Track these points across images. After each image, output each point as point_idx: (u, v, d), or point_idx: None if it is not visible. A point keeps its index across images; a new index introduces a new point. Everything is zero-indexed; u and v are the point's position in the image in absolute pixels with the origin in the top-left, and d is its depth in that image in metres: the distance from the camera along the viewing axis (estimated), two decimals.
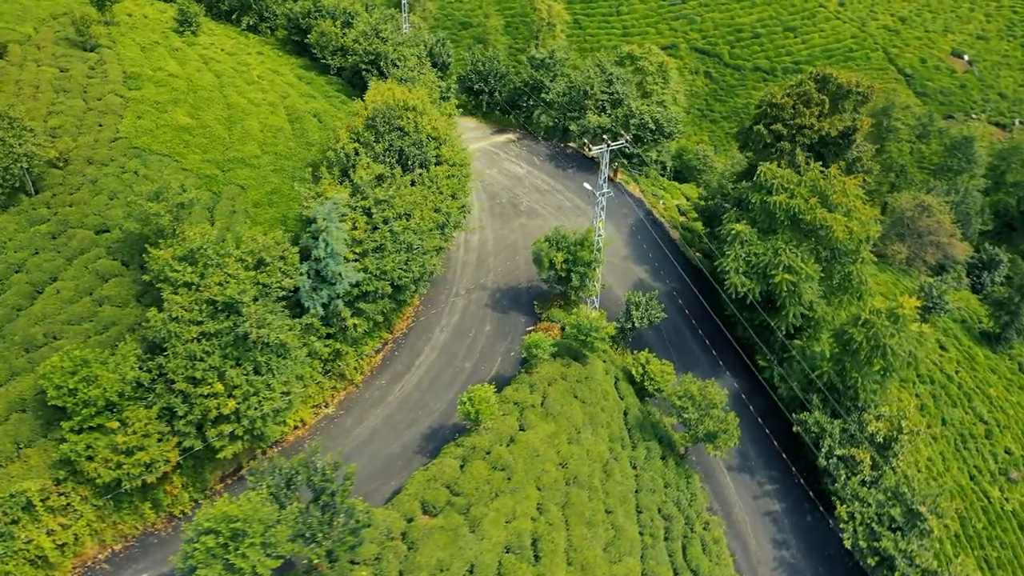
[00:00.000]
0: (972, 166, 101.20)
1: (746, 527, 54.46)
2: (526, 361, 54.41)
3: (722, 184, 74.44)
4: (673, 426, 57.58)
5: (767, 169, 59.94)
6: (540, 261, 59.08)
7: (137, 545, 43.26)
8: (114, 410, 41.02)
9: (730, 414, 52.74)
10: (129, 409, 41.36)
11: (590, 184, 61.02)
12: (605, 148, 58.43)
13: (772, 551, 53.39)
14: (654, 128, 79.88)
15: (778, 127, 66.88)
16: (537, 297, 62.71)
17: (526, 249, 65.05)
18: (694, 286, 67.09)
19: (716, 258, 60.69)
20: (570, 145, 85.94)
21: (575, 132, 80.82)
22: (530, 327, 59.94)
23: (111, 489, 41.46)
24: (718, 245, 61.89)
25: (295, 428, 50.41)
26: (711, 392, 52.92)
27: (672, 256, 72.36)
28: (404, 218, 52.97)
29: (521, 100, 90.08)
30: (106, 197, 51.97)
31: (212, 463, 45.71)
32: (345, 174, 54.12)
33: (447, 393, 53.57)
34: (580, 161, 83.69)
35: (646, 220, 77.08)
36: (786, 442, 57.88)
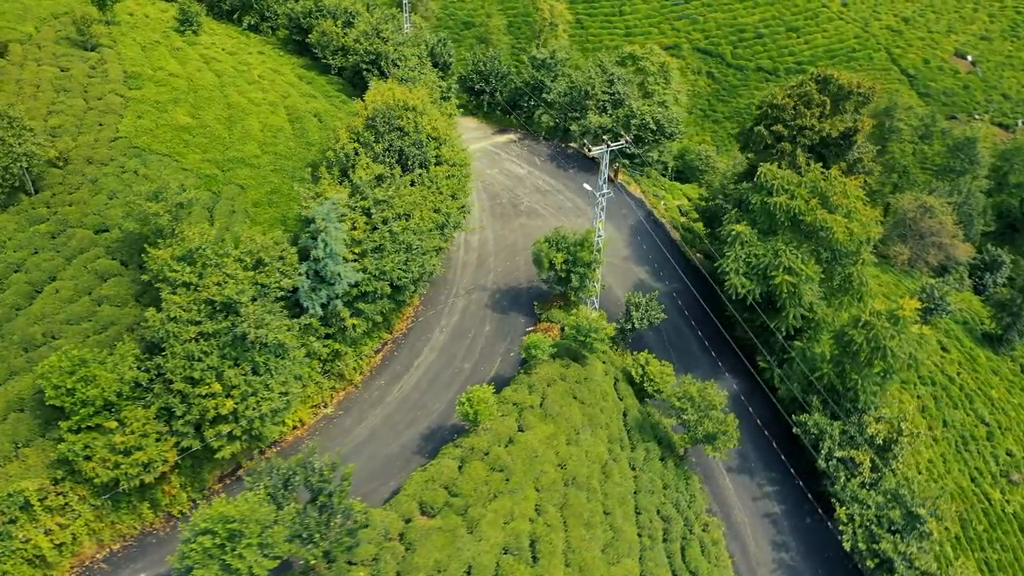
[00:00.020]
0: (975, 167, 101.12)
1: (745, 529, 54.36)
2: (525, 362, 54.36)
3: (723, 185, 74.33)
4: (672, 427, 57.52)
5: (767, 170, 59.82)
6: (540, 262, 59.01)
7: (135, 545, 43.26)
8: (112, 410, 41.04)
9: (729, 415, 52.65)
10: (127, 409, 41.36)
11: (590, 185, 60.93)
12: (605, 148, 58.35)
13: (771, 553, 53.28)
14: (655, 128, 79.71)
15: (779, 128, 66.72)
16: (537, 298, 62.63)
17: (526, 249, 64.96)
18: (694, 287, 67.01)
19: (716, 259, 60.59)
20: (571, 145, 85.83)
21: (576, 132, 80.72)
22: (530, 328, 59.87)
23: (109, 489, 41.46)
24: (718, 246, 61.77)
25: (294, 428, 50.42)
26: (710, 393, 52.85)
27: (672, 257, 72.23)
28: (403, 218, 52.95)
29: (522, 100, 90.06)
30: (105, 197, 52.00)
31: (210, 463, 45.74)
32: (345, 174, 54.07)
33: (446, 394, 53.54)
34: (581, 161, 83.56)
35: (646, 221, 76.94)
36: (786, 444, 57.79)
